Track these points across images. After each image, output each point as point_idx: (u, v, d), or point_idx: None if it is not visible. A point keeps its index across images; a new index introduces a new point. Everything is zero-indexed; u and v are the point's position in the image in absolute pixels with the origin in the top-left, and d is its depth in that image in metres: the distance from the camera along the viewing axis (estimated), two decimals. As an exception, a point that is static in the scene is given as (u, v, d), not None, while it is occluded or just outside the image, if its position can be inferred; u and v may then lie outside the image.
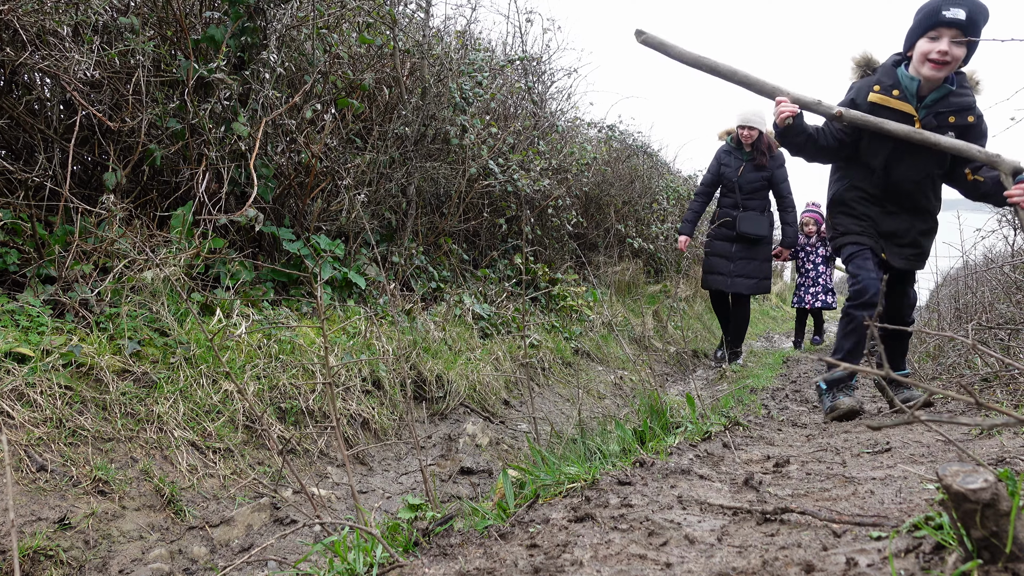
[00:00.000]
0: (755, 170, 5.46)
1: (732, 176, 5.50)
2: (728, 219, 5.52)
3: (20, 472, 1.99)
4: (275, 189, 3.44)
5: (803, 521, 1.33)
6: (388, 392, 3.20)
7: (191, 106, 2.96)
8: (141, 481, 2.19)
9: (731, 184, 5.52)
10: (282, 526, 2.27)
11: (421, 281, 4.12)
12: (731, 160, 5.53)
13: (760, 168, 5.44)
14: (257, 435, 2.60)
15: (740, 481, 1.71)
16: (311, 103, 3.44)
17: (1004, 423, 0.90)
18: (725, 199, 5.61)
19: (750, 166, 5.46)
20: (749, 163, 5.45)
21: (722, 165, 5.57)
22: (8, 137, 2.92)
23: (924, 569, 0.98)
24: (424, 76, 4.06)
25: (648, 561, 1.22)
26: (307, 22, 3.39)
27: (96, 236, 2.71)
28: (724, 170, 5.55)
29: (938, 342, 3.71)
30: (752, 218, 5.45)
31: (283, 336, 2.94)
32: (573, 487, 1.74)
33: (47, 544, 1.87)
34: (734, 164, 5.52)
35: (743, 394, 3.93)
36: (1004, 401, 2.60)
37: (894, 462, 1.86)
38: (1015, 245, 4.44)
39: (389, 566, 1.34)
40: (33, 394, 2.16)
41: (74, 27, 2.82)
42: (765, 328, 9.95)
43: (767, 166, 5.44)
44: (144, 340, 2.57)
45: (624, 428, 2.34)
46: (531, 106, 5.94)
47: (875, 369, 1.42)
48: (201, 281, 3.04)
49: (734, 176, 5.49)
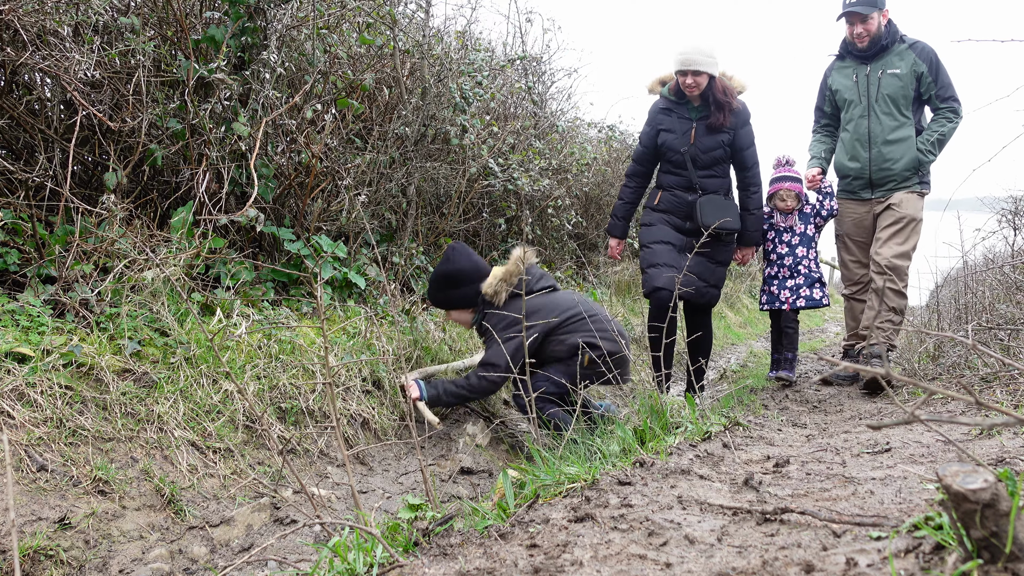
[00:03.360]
0: (710, 133, 3.79)
1: (679, 144, 3.81)
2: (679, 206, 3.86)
3: (20, 472, 1.99)
4: (275, 189, 3.44)
5: (803, 521, 1.33)
6: (388, 392, 3.20)
7: (191, 106, 2.96)
8: (141, 481, 2.19)
9: (678, 156, 3.83)
10: (282, 526, 2.27)
11: (421, 281, 4.13)
12: (674, 121, 3.84)
13: (717, 129, 3.77)
14: (257, 435, 2.60)
15: (740, 481, 1.71)
16: (311, 103, 3.44)
17: (1004, 423, 0.90)
18: (670, 178, 3.90)
19: (703, 128, 3.79)
20: (701, 123, 3.80)
21: (661, 130, 3.87)
22: (8, 137, 2.92)
23: (924, 569, 0.98)
24: (424, 76, 4.06)
25: (648, 561, 1.22)
26: (307, 22, 3.39)
27: (96, 236, 2.71)
28: (666, 137, 3.85)
29: (938, 342, 3.71)
30: (717, 204, 3.80)
31: (283, 336, 2.94)
32: (573, 487, 1.74)
33: (47, 544, 1.87)
34: (679, 127, 3.82)
35: (743, 394, 3.93)
36: (1004, 401, 2.60)
37: (894, 462, 1.86)
38: (1015, 245, 4.44)
39: (389, 566, 1.34)
40: (33, 394, 2.16)
41: (74, 27, 2.82)
42: (765, 328, 9.94)
43: (727, 125, 3.78)
44: (144, 340, 2.57)
45: (624, 428, 2.34)
46: (531, 106, 5.94)
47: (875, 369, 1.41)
48: (201, 281, 3.04)
49: (682, 144, 3.80)
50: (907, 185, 3.84)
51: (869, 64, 3.86)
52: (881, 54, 3.84)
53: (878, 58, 3.85)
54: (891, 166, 3.83)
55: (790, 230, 4.24)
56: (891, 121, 3.82)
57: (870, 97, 3.87)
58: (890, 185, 3.87)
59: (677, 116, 3.85)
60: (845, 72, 3.99)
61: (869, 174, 3.91)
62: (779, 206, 4.22)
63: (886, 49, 3.83)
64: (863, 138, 3.90)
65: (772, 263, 4.27)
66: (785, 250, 4.24)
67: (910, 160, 3.80)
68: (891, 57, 3.82)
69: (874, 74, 3.85)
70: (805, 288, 4.20)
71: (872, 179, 3.92)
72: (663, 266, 3.73)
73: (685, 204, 3.84)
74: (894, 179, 3.85)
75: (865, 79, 3.88)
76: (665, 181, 3.94)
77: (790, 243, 4.23)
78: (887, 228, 3.86)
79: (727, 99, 3.74)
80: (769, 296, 4.29)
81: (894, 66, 3.80)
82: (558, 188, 5.66)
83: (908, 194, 3.85)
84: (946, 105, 3.79)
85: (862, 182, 3.97)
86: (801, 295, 4.20)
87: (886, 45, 3.82)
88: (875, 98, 3.85)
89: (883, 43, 3.81)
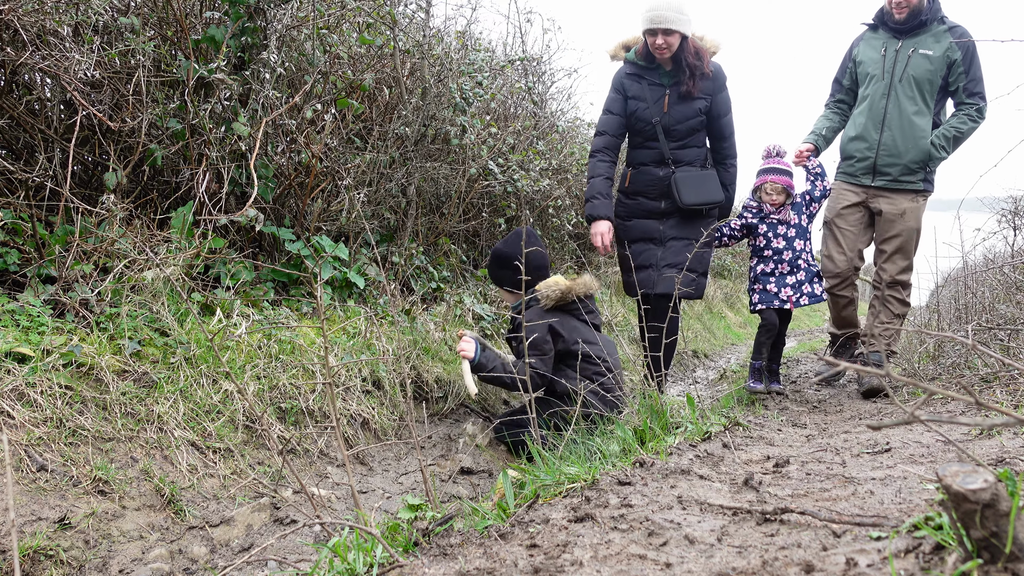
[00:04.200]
0: (684, 101, 3.43)
1: (651, 115, 3.44)
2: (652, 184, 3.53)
3: (20, 472, 1.99)
4: (275, 189, 3.44)
5: (803, 521, 1.33)
6: (388, 392, 3.20)
7: (191, 106, 2.96)
8: (141, 481, 2.19)
9: (648, 128, 3.48)
10: (282, 526, 2.27)
11: (421, 281, 4.12)
12: (643, 89, 3.46)
13: (691, 97, 3.41)
14: (257, 435, 2.60)
15: (740, 481, 1.71)
16: (311, 103, 3.44)
17: (1004, 423, 0.90)
18: (640, 153, 3.56)
19: (676, 95, 3.43)
20: (675, 90, 3.43)
21: (630, 98, 3.50)
22: (8, 137, 2.92)
23: (924, 569, 0.98)
24: (424, 76, 4.06)
25: (648, 561, 1.22)
26: (307, 22, 3.39)
27: (96, 236, 2.71)
28: (636, 106, 3.49)
29: (938, 342, 3.71)
30: (695, 178, 3.46)
31: (283, 336, 2.94)
32: (573, 487, 1.74)
33: (47, 544, 1.87)
34: (650, 95, 3.45)
35: (743, 394, 3.93)
36: (1004, 401, 2.60)
37: (894, 462, 1.86)
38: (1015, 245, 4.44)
39: (389, 566, 1.34)
40: (33, 394, 2.16)
41: (74, 27, 2.82)
42: (765, 328, 9.92)
43: (701, 92, 3.43)
44: (144, 340, 2.58)
45: (624, 428, 2.35)
46: (531, 106, 5.94)
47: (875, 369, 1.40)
48: (201, 281, 3.04)
49: (654, 114, 3.44)
50: (911, 182, 3.58)
51: (902, 40, 3.53)
52: (917, 31, 3.49)
53: (913, 34, 3.50)
54: (900, 154, 3.54)
55: (784, 222, 3.81)
56: (911, 105, 3.52)
57: (894, 75, 3.53)
58: (891, 175, 3.60)
59: (647, 83, 3.45)
60: (874, 44, 3.63)
61: (875, 158, 3.61)
62: (765, 199, 3.81)
63: (923, 26, 3.48)
64: (877, 118, 3.58)
65: (767, 259, 3.81)
66: (782, 244, 3.79)
67: (921, 152, 3.52)
68: (926, 37, 3.49)
69: (904, 51, 3.51)
70: (807, 284, 3.78)
71: (876, 164, 3.61)
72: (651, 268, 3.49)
73: (658, 181, 3.49)
74: (898, 169, 3.57)
75: (894, 55, 3.53)
76: (634, 158, 3.58)
77: (787, 236, 3.80)
78: (890, 241, 3.66)
79: (699, 62, 3.37)
80: (764, 295, 3.81)
81: (927, 46, 3.47)
82: (558, 188, 5.66)
83: (913, 202, 3.61)
84: (972, 101, 3.50)
85: (865, 166, 3.66)
86: (803, 292, 3.77)
87: (925, 21, 3.47)
88: (899, 77, 3.52)
89: (923, 18, 3.46)
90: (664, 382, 3.25)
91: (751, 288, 3.91)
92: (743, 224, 3.88)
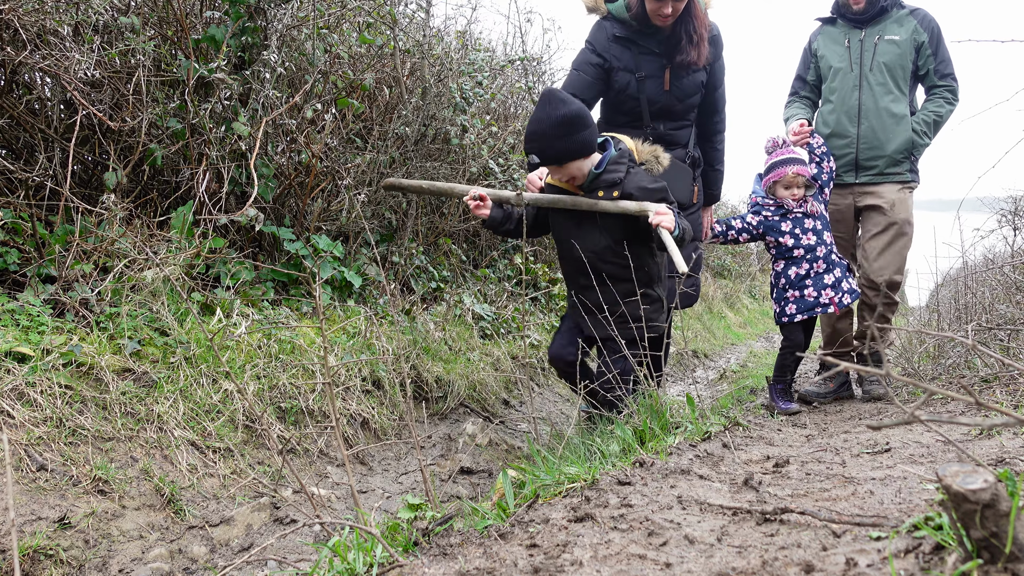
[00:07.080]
0: (685, 73, 2.85)
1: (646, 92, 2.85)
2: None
3: (20, 471, 1.99)
4: (275, 189, 3.44)
5: (803, 521, 1.33)
6: (388, 392, 3.20)
7: (191, 106, 2.96)
8: (141, 481, 2.19)
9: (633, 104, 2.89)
10: (282, 526, 2.27)
11: (421, 281, 4.13)
12: (636, 59, 2.82)
13: (694, 68, 2.83)
14: (257, 435, 2.60)
15: (740, 481, 1.71)
16: (311, 103, 3.44)
17: (1004, 423, 0.90)
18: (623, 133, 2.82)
19: (677, 67, 2.83)
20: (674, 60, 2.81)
21: (618, 69, 2.85)
22: (8, 137, 2.92)
23: (924, 569, 0.98)
24: (424, 76, 4.06)
25: (648, 561, 1.22)
26: (307, 22, 3.39)
27: (96, 236, 2.71)
28: (625, 80, 2.85)
29: (938, 342, 3.71)
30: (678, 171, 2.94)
31: (283, 336, 2.94)
32: (573, 487, 1.74)
33: (47, 543, 1.87)
34: (647, 67, 2.82)
35: (743, 394, 3.93)
36: (1004, 401, 2.60)
37: (894, 462, 1.86)
38: (1015, 245, 4.44)
39: (389, 566, 1.34)
40: (33, 393, 2.16)
41: (74, 27, 2.82)
42: (765, 328, 9.93)
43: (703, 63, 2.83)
44: (144, 340, 2.58)
45: (624, 428, 2.35)
46: (531, 106, 5.94)
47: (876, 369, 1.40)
48: (201, 281, 3.04)
49: (651, 92, 2.85)
50: (897, 174, 3.43)
51: (864, 29, 3.41)
52: (878, 18, 3.39)
53: (875, 22, 3.39)
54: (882, 145, 3.39)
55: (811, 215, 3.26)
56: (886, 94, 3.38)
57: (863, 65, 3.39)
58: (877, 168, 3.44)
59: (640, 51, 2.79)
60: (835, 36, 3.49)
61: (856, 152, 3.44)
62: (782, 195, 3.27)
63: (884, 12, 3.38)
64: (852, 111, 3.42)
65: (798, 260, 3.26)
66: (813, 239, 3.24)
67: (904, 141, 3.38)
68: (889, 23, 3.39)
69: (869, 40, 3.38)
70: (845, 281, 3.28)
71: (859, 159, 3.44)
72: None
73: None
74: (883, 161, 3.42)
75: (859, 45, 3.40)
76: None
77: (815, 229, 3.25)
78: (879, 236, 3.44)
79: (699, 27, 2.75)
80: (802, 303, 3.26)
81: (892, 32, 3.36)
82: (558, 188, 5.65)
83: (900, 192, 3.44)
84: (944, 83, 3.38)
85: (846, 162, 3.48)
86: (843, 289, 3.26)
87: (885, 7, 3.38)
88: (869, 67, 3.38)
89: (882, 4, 3.36)
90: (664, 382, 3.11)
91: (781, 297, 3.35)
92: (760, 222, 3.35)
